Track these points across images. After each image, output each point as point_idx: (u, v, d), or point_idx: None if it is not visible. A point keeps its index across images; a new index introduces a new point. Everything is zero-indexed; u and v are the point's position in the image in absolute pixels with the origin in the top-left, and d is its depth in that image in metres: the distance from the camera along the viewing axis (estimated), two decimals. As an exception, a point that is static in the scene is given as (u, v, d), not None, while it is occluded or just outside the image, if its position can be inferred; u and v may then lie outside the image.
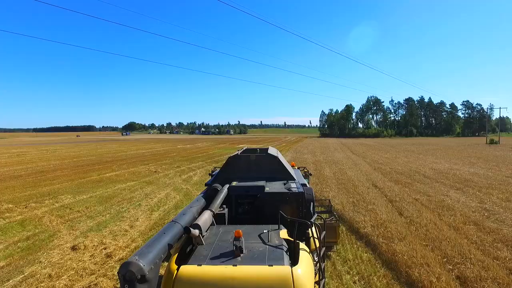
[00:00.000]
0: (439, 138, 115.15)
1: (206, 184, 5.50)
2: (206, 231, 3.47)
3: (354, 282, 6.53)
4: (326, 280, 6.45)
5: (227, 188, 4.72)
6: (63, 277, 6.81)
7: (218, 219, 4.04)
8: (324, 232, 3.78)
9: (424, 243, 8.16)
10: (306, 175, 7.79)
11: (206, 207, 4.10)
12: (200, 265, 2.76)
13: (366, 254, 7.88)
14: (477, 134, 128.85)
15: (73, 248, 8.43)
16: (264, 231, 3.50)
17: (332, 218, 7.32)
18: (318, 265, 3.46)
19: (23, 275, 6.94)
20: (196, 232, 3.13)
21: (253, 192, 4.62)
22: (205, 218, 3.57)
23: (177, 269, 2.73)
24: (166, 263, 3.11)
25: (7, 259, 7.84)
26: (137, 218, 11.20)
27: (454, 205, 11.94)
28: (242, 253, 2.93)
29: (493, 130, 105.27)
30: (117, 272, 2.41)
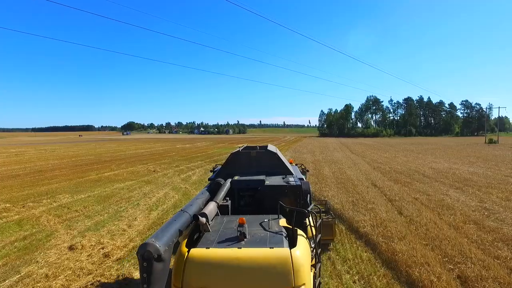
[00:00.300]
0: (438, 137, 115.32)
1: (209, 179, 5.76)
2: (211, 220, 3.72)
3: (354, 282, 6.47)
4: (325, 280, 6.41)
5: (230, 182, 4.98)
6: (60, 277, 6.73)
7: (222, 210, 4.33)
8: (320, 221, 4.09)
9: (424, 242, 8.11)
10: (303, 171, 7.97)
11: (210, 199, 4.35)
12: (208, 248, 3.04)
13: (365, 254, 7.83)
14: (476, 133, 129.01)
15: (71, 248, 8.36)
16: (265, 220, 3.80)
17: (329, 217, 7.75)
18: (314, 250, 3.77)
19: (19, 275, 6.87)
20: (203, 220, 3.40)
21: (254, 185, 4.90)
22: (211, 208, 3.85)
23: (188, 252, 2.99)
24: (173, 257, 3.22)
25: (4, 259, 7.76)
26: (135, 218, 11.13)
27: (454, 204, 11.90)
28: (246, 238, 3.21)
29: (492, 129, 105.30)
30: (136, 253, 2.67)
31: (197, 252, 2.99)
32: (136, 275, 6.87)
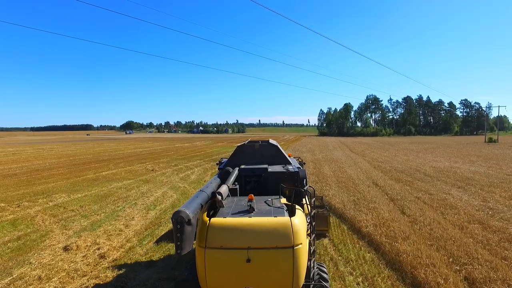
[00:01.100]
0: (437, 136, 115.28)
1: (219, 168, 6.52)
2: (224, 199, 4.38)
3: (358, 284, 6.25)
4: (328, 282, 6.21)
5: (238, 170, 5.78)
6: (53, 279, 6.50)
7: (232, 193, 5.02)
8: (314, 199, 4.90)
9: (428, 243, 7.90)
10: (301, 163, 8.48)
11: (222, 183, 5.04)
12: (225, 217, 3.87)
13: (369, 254, 7.61)
14: (475, 132, 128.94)
15: (65, 249, 8.11)
16: (269, 199, 4.56)
17: (324, 210, 8.56)
18: (309, 224, 4.48)
19: (11, 277, 6.63)
20: (219, 197, 4.17)
21: (259, 172, 5.75)
22: (224, 189, 4.57)
23: (209, 220, 3.80)
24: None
25: (-4, 260, 7.52)
26: (133, 217, 10.89)
27: (457, 204, 11.70)
28: (254, 210, 4.01)
29: (491, 129, 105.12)
30: (171, 218, 3.49)
31: (217, 220, 3.80)
32: (132, 277, 6.64)
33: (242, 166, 6.02)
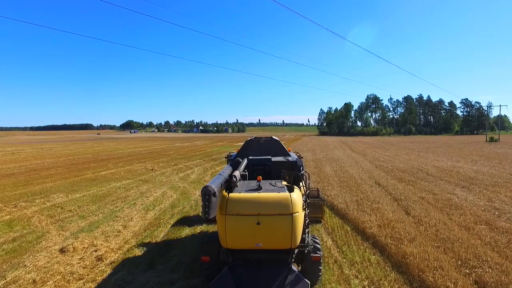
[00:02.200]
0: (438, 136, 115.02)
1: (230, 159, 7.58)
2: (238, 181, 5.36)
3: (364, 287, 6.04)
4: (332, 285, 6.00)
5: (247, 160, 6.91)
6: (48, 283, 6.29)
7: (242, 178, 5.91)
8: (309, 181, 6.31)
9: (435, 244, 7.67)
10: (299, 157, 9.16)
11: (234, 170, 5.88)
12: (240, 193, 4.95)
13: (374, 256, 7.40)
14: (475, 132, 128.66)
15: (62, 251, 7.89)
16: (273, 182, 5.69)
17: (319, 200, 9.82)
18: (305, 202, 5.53)
19: (4, 281, 6.40)
20: (234, 179, 5.15)
21: (264, 162, 6.94)
22: (237, 173, 5.53)
23: (228, 195, 4.88)
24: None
25: (-10, 263, 7.29)
26: (131, 218, 10.67)
27: (462, 204, 11.47)
28: (262, 189, 5.10)
29: (492, 128, 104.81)
30: (200, 191, 4.48)
31: (234, 195, 4.89)
32: (130, 280, 6.42)
33: (250, 157, 7.15)
